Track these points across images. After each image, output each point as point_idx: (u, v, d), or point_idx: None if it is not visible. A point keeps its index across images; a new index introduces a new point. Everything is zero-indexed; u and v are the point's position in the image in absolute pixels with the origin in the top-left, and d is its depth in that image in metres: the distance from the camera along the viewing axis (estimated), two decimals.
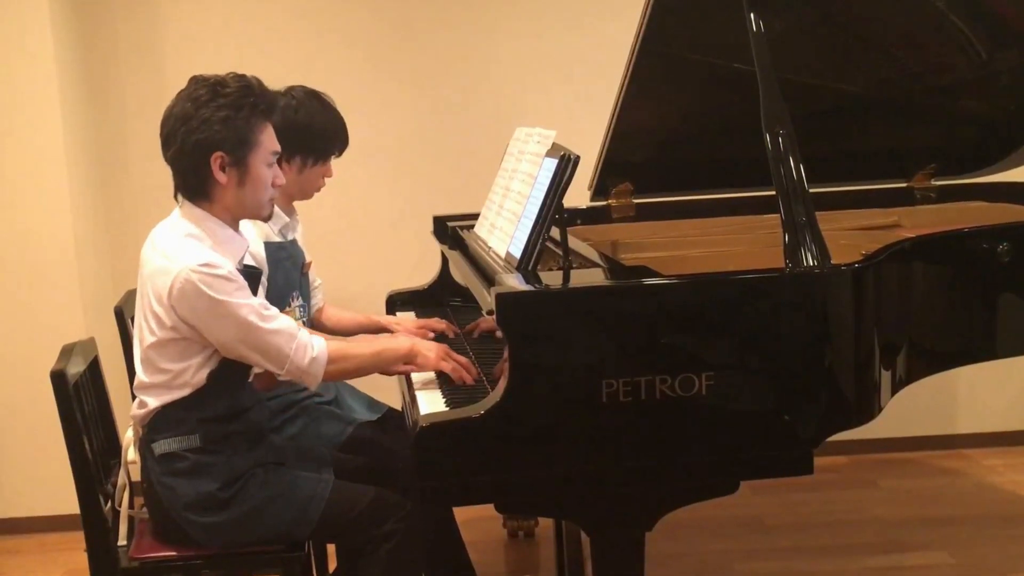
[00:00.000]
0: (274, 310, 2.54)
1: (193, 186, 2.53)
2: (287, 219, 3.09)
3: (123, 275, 4.26)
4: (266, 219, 2.70)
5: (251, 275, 2.60)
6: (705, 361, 2.29)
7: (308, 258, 3.20)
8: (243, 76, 2.56)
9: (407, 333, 3.03)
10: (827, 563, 3.71)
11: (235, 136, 2.48)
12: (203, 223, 2.53)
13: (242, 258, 2.60)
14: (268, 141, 2.56)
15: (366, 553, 2.61)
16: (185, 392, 2.52)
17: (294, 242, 3.13)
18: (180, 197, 2.58)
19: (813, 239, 2.49)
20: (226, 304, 2.42)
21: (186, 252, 2.44)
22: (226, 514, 2.54)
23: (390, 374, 2.76)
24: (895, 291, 2.67)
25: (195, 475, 2.53)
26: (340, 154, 3.14)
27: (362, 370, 2.68)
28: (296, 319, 3.09)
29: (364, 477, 2.81)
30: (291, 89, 3.05)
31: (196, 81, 2.53)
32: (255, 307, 2.47)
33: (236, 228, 2.61)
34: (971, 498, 4.27)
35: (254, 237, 2.89)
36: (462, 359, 2.69)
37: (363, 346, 2.72)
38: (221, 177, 2.49)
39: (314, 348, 2.55)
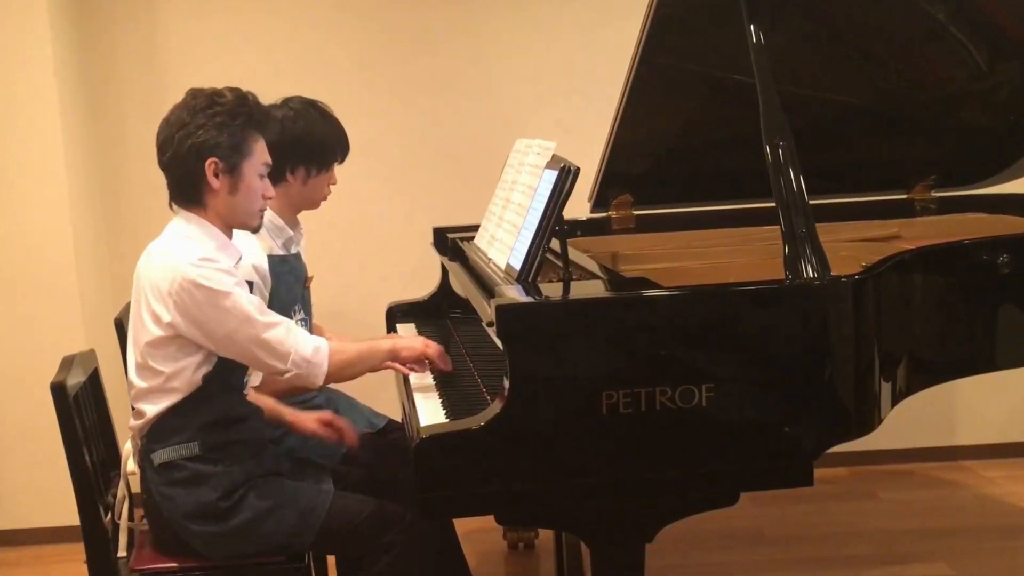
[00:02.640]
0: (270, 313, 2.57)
1: (187, 192, 2.57)
2: (291, 232, 3.09)
3: (123, 287, 4.23)
4: (255, 230, 2.71)
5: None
6: (705, 373, 2.29)
7: (310, 273, 3.20)
8: (239, 89, 2.61)
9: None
10: (827, 575, 3.70)
11: (230, 142, 2.52)
12: (198, 228, 2.56)
13: (235, 266, 2.61)
14: (260, 152, 2.60)
15: (366, 565, 2.61)
16: (180, 396, 2.52)
17: (297, 256, 3.13)
18: (175, 206, 2.60)
19: (813, 251, 2.49)
20: (228, 295, 2.45)
21: (185, 249, 2.48)
22: (226, 524, 2.54)
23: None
24: (895, 303, 2.67)
25: (195, 485, 2.54)
26: (342, 161, 3.15)
27: (357, 364, 2.69)
28: None
29: (364, 488, 2.82)
30: (288, 100, 3.05)
31: (193, 92, 2.58)
32: (255, 302, 2.51)
33: (230, 236, 2.63)
34: (971, 510, 4.27)
35: (258, 250, 2.89)
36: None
37: (352, 343, 2.77)
38: (215, 183, 2.52)
39: (314, 340, 2.59)
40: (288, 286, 3.03)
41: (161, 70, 4.37)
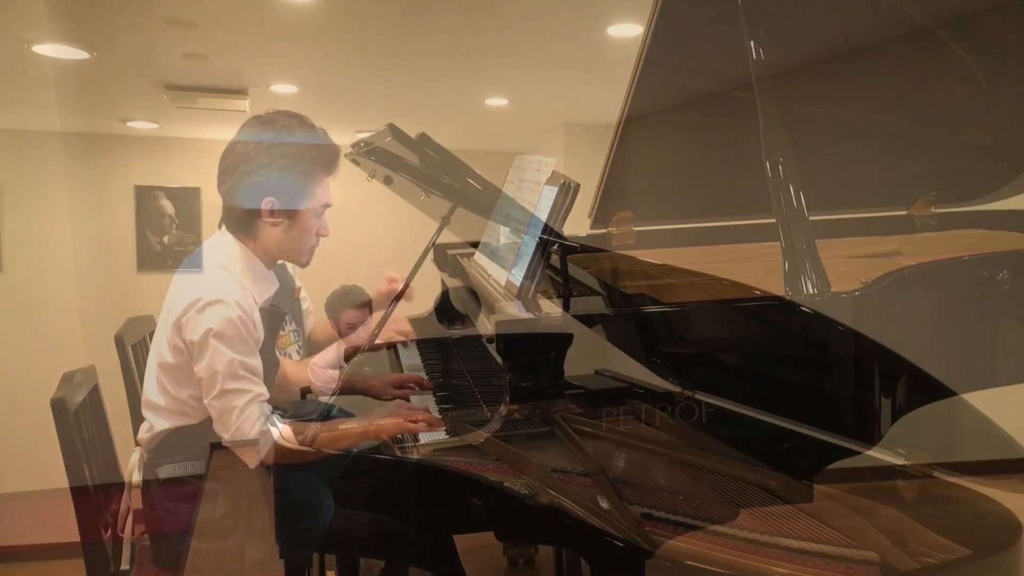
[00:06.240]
0: (255, 379, 2.52)
1: (239, 222, 2.56)
2: None
3: (123, 303, 4.26)
4: (303, 265, 2.72)
5: (274, 315, 2.62)
6: (705, 388, 2.29)
7: (298, 283, 3.20)
8: (312, 127, 2.58)
9: (381, 384, 3.03)
10: None
11: (290, 185, 2.51)
12: (240, 256, 2.55)
13: (270, 298, 2.61)
14: (322, 194, 2.59)
15: None
16: (192, 420, 2.53)
17: (283, 266, 3.13)
18: (223, 227, 2.59)
19: (813, 266, 2.49)
20: (212, 345, 2.42)
21: (212, 282, 2.46)
22: (227, 541, 2.54)
23: None
24: (895, 319, 2.67)
25: (198, 501, 2.53)
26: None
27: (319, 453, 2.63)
28: (291, 343, 3.10)
29: (364, 505, 2.81)
30: (272, 113, 3.05)
31: (261, 121, 2.55)
32: (236, 362, 2.46)
33: (271, 267, 2.62)
34: (972, 525, 4.25)
35: None
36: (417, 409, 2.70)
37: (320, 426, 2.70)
38: (269, 220, 2.52)
39: (269, 431, 2.50)
40: (276, 296, 3.03)
41: (165, 76, 4.37)
